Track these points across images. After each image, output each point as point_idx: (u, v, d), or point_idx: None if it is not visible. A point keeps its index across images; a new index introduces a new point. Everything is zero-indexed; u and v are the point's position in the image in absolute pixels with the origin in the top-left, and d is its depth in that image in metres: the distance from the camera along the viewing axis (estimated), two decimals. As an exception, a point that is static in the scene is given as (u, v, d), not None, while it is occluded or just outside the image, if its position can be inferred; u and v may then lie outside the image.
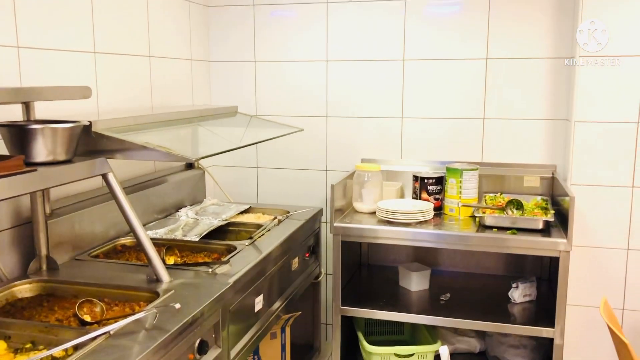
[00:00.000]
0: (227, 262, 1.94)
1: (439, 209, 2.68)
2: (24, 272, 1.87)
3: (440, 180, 2.68)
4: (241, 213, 2.70)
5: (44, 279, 1.81)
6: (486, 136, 2.86)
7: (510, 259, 2.88)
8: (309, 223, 2.63)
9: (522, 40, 2.75)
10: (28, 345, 1.43)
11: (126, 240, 2.23)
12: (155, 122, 2.19)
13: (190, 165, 2.92)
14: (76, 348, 1.35)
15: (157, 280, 1.77)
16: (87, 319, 1.57)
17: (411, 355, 2.55)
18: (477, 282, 2.84)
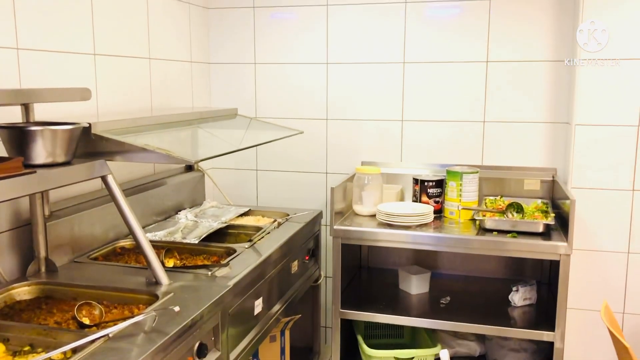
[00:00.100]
0: (227, 265, 1.93)
1: (439, 212, 2.67)
2: (22, 274, 1.86)
3: (440, 183, 2.68)
4: (241, 216, 2.69)
5: (43, 281, 1.81)
6: (486, 139, 2.86)
7: (510, 262, 2.87)
8: (309, 226, 2.63)
9: (522, 43, 2.75)
10: (27, 348, 1.42)
11: (125, 243, 2.23)
12: (155, 124, 2.19)
13: (189, 167, 2.92)
14: (75, 351, 1.34)
15: (156, 283, 1.77)
16: (86, 321, 1.56)
17: (411, 358, 2.54)
18: (477, 286, 2.83)
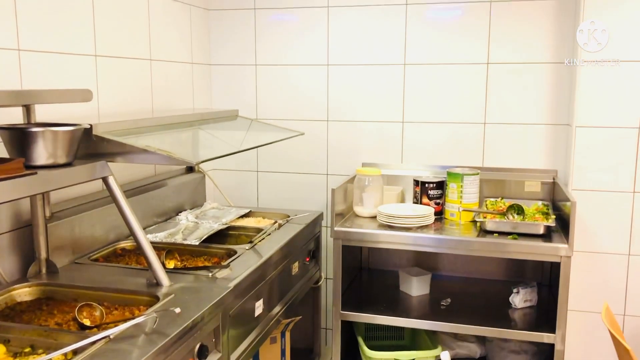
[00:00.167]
0: (228, 267, 1.93)
1: (439, 214, 2.67)
2: (23, 276, 1.86)
3: (441, 185, 2.68)
4: (241, 217, 2.69)
5: (44, 283, 1.81)
6: (487, 141, 2.86)
7: (510, 264, 2.87)
8: (309, 227, 2.63)
9: (523, 45, 2.75)
10: (27, 349, 1.42)
11: (126, 244, 2.23)
12: (156, 126, 2.19)
13: (190, 168, 2.92)
14: (76, 352, 1.34)
15: (157, 284, 1.77)
16: (87, 323, 1.56)
17: (412, 360, 2.54)
18: (477, 287, 2.83)
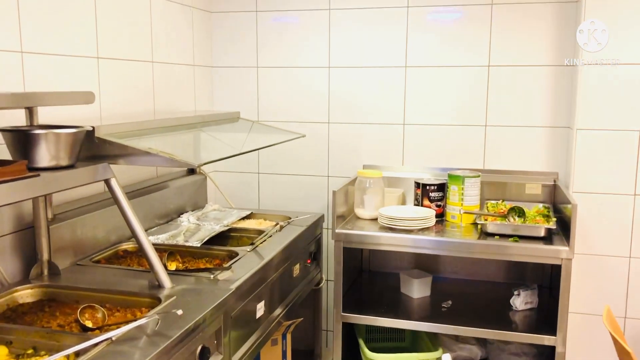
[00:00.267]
0: (229, 268, 1.93)
1: (440, 216, 2.67)
2: (25, 277, 1.87)
3: (442, 187, 2.68)
4: (243, 219, 2.69)
5: (46, 284, 1.81)
6: (488, 143, 2.86)
7: (511, 266, 2.87)
8: (311, 229, 2.63)
9: (524, 48, 2.76)
10: (30, 351, 1.42)
11: (128, 246, 2.23)
12: (158, 128, 2.19)
13: (192, 170, 2.92)
14: (78, 354, 1.34)
15: (159, 286, 1.77)
16: (89, 324, 1.56)
17: (412, 362, 2.54)
18: (478, 289, 2.83)
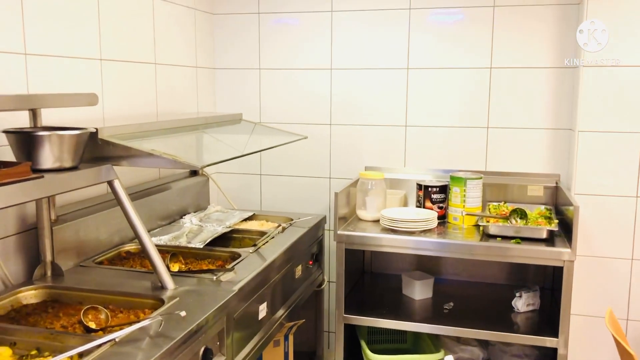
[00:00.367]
0: (232, 270, 1.94)
1: (442, 218, 2.68)
2: (29, 278, 1.87)
3: (444, 189, 2.68)
4: (245, 220, 2.70)
5: (49, 285, 1.82)
6: (490, 145, 2.87)
7: (513, 268, 2.87)
8: (313, 230, 2.63)
9: (526, 50, 2.76)
10: (33, 352, 1.43)
11: (130, 247, 2.23)
12: (161, 130, 2.20)
13: (194, 172, 2.93)
14: (82, 355, 1.35)
15: (162, 288, 1.77)
16: (92, 325, 1.57)
17: (414, 364, 2.54)
18: (480, 291, 2.83)
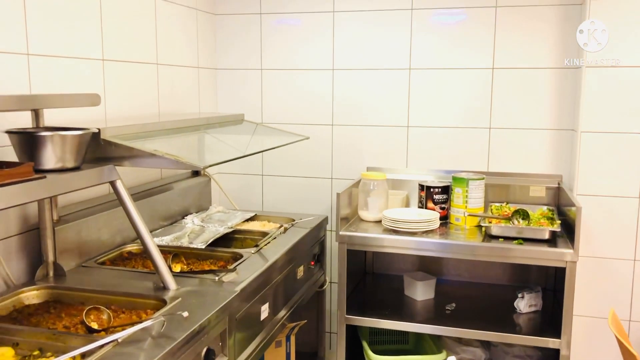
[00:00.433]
0: (234, 270, 1.94)
1: (444, 218, 2.67)
2: (31, 279, 1.87)
3: (446, 190, 2.68)
4: (247, 220, 2.70)
5: (51, 286, 1.82)
6: (492, 145, 2.86)
7: (515, 268, 2.87)
8: (314, 231, 2.63)
9: (528, 50, 2.75)
10: (36, 352, 1.43)
11: (132, 247, 2.23)
12: (163, 130, 2.20)
13: (196, 172, 2.93)
14: (84, 355, 1.35)
15: (164, 288, 1.77)
16: (95, 326, 1.57)
17: (416, 365, 2.54)
18: (482, 292, 2.83)
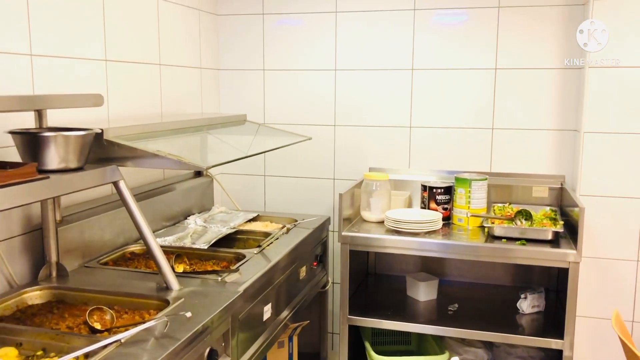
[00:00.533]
0: (237, 271, 1.94)
1: (447, 219, 2.67)
2: (34, 279, 1.87)
3: (448, 190, 2.68)
4: (249, 221, 2.70)
5: (54, 286, 1.82)
6: (495, 146, 2.86)
7: (518, 269, 2.86)
8: (317, 232, 2.63)
9: (531, 50, 2.75)
10: (39, 353, 1.42)
11: (135, 248, 2.24)
12: (166, 130, 2.20)
13: (198, 173, 2.93)
14: (87, 356, 1.35)
15: (167, 288, 1.77)
16: (98, 326, 1.57)
17: (419, 365, 2.54)
18: (485, 293, 2.83)
